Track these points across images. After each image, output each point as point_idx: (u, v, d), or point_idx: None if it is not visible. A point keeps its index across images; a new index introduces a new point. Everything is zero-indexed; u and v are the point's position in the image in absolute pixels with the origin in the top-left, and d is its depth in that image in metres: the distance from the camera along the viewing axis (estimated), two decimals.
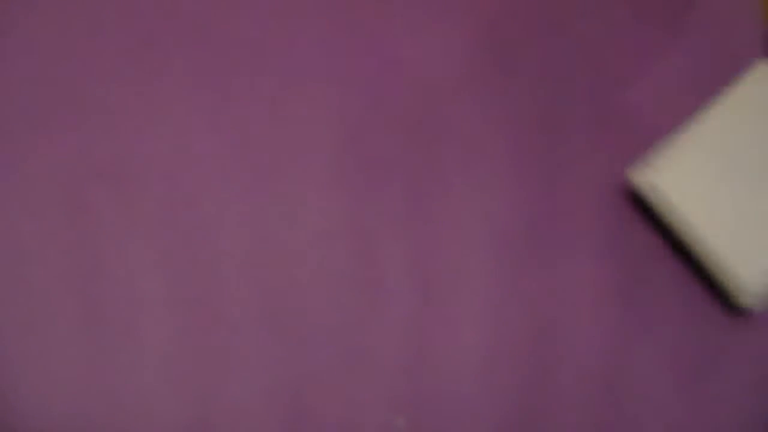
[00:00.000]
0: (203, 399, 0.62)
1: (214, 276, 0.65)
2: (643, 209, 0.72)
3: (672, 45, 0.76)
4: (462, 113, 0.73)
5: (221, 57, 0.71)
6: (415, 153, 0.71)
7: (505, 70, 0.75)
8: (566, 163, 0.73)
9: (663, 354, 0.69)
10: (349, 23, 0.74)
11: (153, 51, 0.70)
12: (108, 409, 0.61)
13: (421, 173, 0.71)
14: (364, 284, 0.67)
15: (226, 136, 0.69)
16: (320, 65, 0.72)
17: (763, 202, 0.67)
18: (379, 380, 0.65)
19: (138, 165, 0.66)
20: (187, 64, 0.70)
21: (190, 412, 0.62)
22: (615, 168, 0.72)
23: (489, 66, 0.75)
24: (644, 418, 0.67)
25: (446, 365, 0.66)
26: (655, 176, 0.68)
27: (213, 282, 0.65)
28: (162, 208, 0.65)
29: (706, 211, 0.67)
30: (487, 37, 0.76)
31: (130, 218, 0.65)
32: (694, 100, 0.74)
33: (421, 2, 0.76)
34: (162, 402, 0.62)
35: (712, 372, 0.68)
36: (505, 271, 0.69)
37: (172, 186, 0.66)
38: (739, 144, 0.68)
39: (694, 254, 0.69)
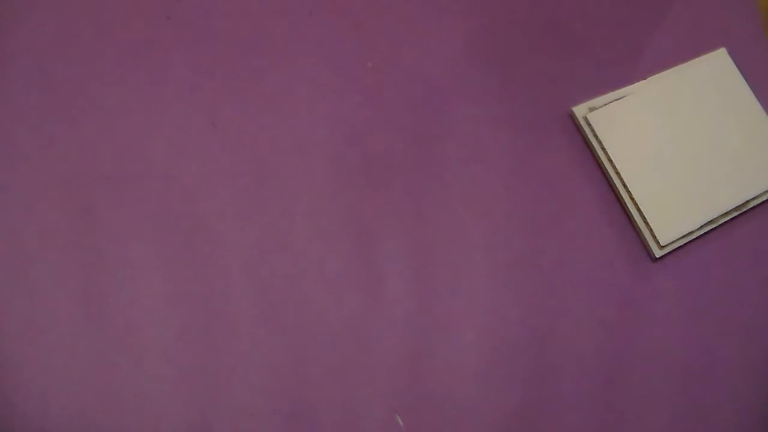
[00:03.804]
0: (204, 397, 0.62)
1: (215, 275, 0.65)
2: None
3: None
4: (461, 113, 0.73)
5: (220, 57, 0.71)
6: (415, 153, 0.71)
7: (503, 69, 0.75)
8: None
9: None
10: (348, 24, 0.74)
11: (152, 52, 0.70)
12: (108, 407, 0.61)
13: (420, 173, 0.71)
14: (364, 283, 0.67)
15: (225, 136, 0.69)
16: (320, 65, 0.72)
17: (689, 168, 0.73)
18: (379, 379, 0.65)
19: (138, 165, 0.66)
20: (186, 64, 0.70)
21: (191, 409, 0.62)
22: None
23: (488, 66, 0.75)
24: (644, 417, 0.67)
25: (445, 364, 0.66)
26: (594, 117, 0.73)
27: (213, 281, 0.65)
28: (162, 207, 0.66)
29: (634, 160, 0.72)
30: (485, 38, 0.76)
31: (131, 217, 0.65)
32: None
33: (421, 3, 0.76)
34: (162, 400, 0.61)
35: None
36: (504, 270, 0.69)
37: (172, 185, 0.66)
38: (677, 112, 0.74)
39: (621, 198, 0.73)
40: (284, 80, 0.71)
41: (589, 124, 0.73)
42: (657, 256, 0.70)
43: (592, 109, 0.73)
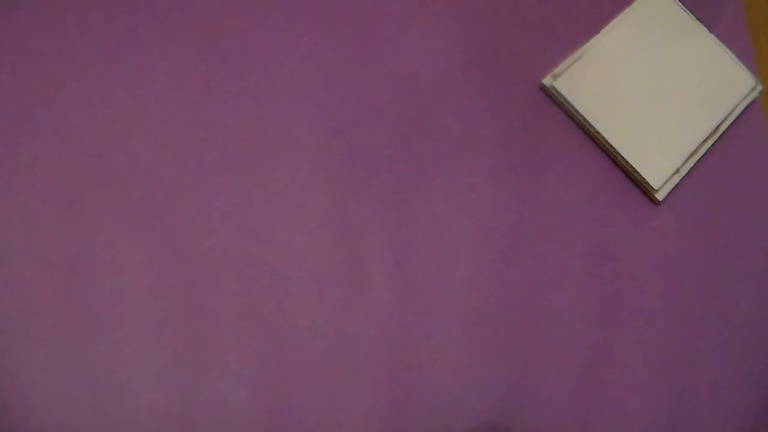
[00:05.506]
0: (186, 390, 0.62)
1: (198, 271, 0.65)
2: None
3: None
4: (445, 110, 0.75)
5: (204, 52, 0.72)
6: (398, 146, 0.72)
7: (480, 61, 0.77)
8: (548, 161, 0.74)
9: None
10: (334, 21, 0.76)
11: (136, 48, 0.71)
12: (90, 399, 0.60)
13: (404, 169, 0.72)
14: (346, 279, 0.67)
15: (209, 130, 0.70)
16: (305, 62, 0.74)
17: (660, 108, 0.74)
18: (361, 373, 0.64)
19: (122, 159, 0.67)
20: (170, 60, 0.72)
21: (173, 402, 0.61)
22: None
23: (466, 59, 0.77)
24: (626, 406, 0.66)
25: (428, 358, 0.65)
26: (559, 83, 0.74)
27: (196, 277, 0.65)
28: (145, 201, 0.66)
29: (608, 114, 0.73)
30: (463, 33, 0.78)
31: (114, 211, 0.66)
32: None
33: (406, 1, 0.79)
34: (145, 393, 0.61)
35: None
36: (486, 265, 0.69)
37: (155, 180, 0.67)
38: (633, 56, 0.75)
39: (610, 154, 0.74)
40: (268, 75, 0.73)
41: (557, 91, 0.74)
42: (660, 200, 0.72)
43: (556, 76, 0.75)
